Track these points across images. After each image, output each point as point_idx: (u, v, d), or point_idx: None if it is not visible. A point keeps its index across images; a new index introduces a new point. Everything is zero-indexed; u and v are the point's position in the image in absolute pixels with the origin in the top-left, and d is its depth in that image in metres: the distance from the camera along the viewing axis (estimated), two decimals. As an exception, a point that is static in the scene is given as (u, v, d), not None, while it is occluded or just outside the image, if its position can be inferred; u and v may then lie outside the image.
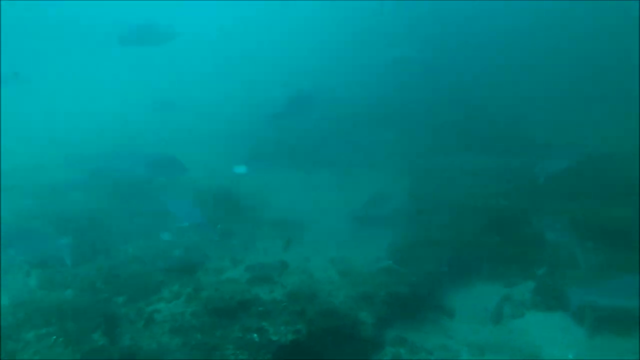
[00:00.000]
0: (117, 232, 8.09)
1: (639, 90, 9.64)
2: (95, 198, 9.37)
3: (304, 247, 7.81)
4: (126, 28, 7.62)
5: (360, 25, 14.54)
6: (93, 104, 15.83)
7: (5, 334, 5.61)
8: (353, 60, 12.72)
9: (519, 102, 10.87)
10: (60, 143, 12.89)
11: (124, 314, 6.13)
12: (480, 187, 8.59)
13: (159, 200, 8.01)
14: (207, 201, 8.87)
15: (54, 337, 5.65)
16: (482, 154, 9.71)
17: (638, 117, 8.76)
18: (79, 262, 7.24)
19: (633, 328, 5.82)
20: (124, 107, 12.51)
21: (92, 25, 19.76)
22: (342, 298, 6.40)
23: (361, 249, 7.56)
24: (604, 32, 11.30)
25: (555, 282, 6.75)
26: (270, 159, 10.43)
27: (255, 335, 5.73)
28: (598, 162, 8.39)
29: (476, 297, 6.88)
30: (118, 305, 6.30)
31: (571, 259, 6.84)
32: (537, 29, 12.15)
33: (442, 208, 7.97)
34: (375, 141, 10.76)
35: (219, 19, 21.36)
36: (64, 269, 7.03)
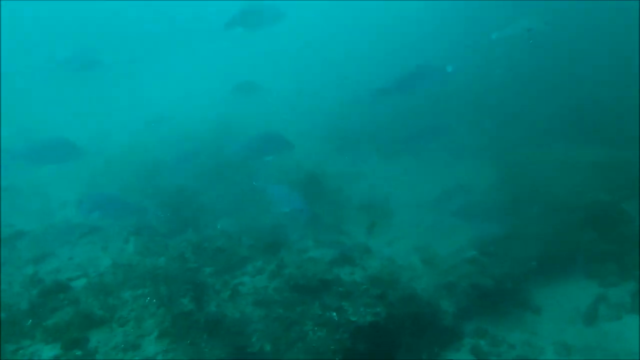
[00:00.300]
0: (207, 209, 8.52)
1: None
2: (190, 176, 9.85)
3: (387, 232, 7.78)
4: (233, 11, 7.85)
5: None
6: (194, 87, 16.68)
7: (107, 291, 6.12)
8: (470, 34, 11.93)
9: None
10: (161, 123, 13.68)
11: (210, 283, 6.46)
12: (579, 180, 8.00)
13: (251, 180, 8.28)
14: (294, 182, 9.07)
15: (148, 298, 6.08)
16: (584, 145, 8.98)
17: None
18: (170, 234, 7.72)
19: None
20: (222, 89, 13.03)
21: (202, 12, 20.70)
22: (424, 285, 6.34)
23: (445, 237, 7.42)
24: None
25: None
26: (359, 142, 10.35)
27: (334, 313, 5.80)
28: None
29: (566, 295, 6.51)
30: (205, 275, 6.64)
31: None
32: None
33: (535, 200, 7.55)
34: (474, 126, 10.29)
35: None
36: (157, 238, 7.53)
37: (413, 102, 10.29)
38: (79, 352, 5.07)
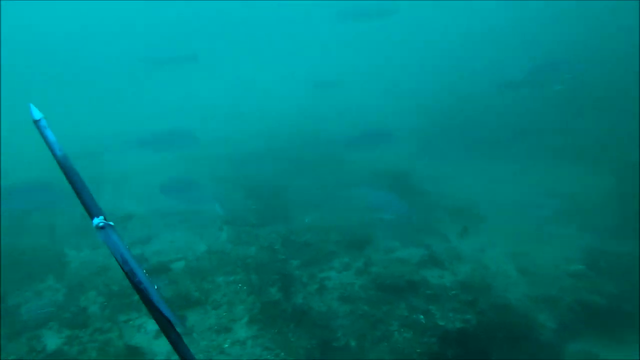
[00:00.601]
0: (295, 202, 8.69)
1: None
2: (279, 169, 10.19)
3: (480, 236, 7.38)
4: (346, 4, 7.87)
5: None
6: (283, 81, 17.09)
7: (203, 275, 6.47)
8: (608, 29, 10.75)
9: None
10: (259, 118, 14.15)
11: (297, 276, 6.56)
12: None
13: (340, 175, 8.24)
14: (384, 182, 8.97)
15: (240, 285, 6.34)
16: None
17: None
18: (260, 224, 7.97)
19: None
20: (310, 85, 13.10)
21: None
22: (519, 295, 5.93)
23: (546, 246, 6.85)
24: None
25: None
26: (450, 141, 9.93)
27: (421, 316, 5.66)
28: None
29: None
30: (293, 268, 6.76)
31: None
32: None
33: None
34: (599, 129, 9.32)
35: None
36: (248, 228, 7.82)
37: (515, 101, 9.63)
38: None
